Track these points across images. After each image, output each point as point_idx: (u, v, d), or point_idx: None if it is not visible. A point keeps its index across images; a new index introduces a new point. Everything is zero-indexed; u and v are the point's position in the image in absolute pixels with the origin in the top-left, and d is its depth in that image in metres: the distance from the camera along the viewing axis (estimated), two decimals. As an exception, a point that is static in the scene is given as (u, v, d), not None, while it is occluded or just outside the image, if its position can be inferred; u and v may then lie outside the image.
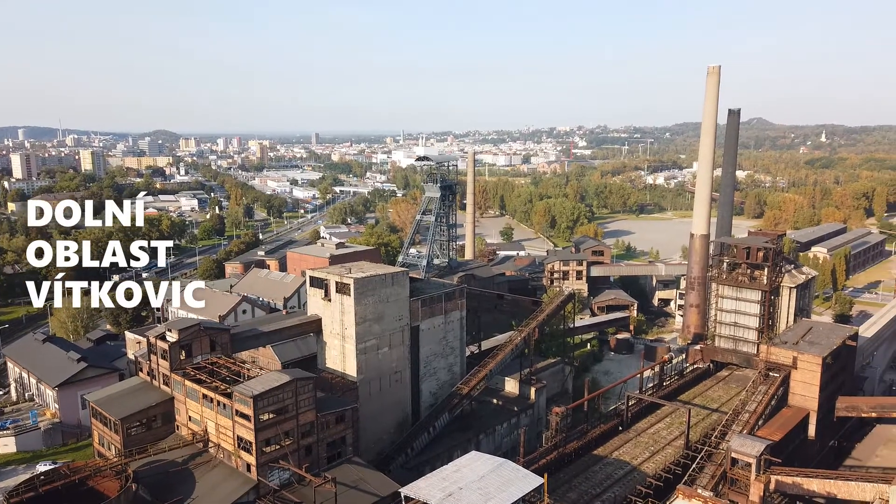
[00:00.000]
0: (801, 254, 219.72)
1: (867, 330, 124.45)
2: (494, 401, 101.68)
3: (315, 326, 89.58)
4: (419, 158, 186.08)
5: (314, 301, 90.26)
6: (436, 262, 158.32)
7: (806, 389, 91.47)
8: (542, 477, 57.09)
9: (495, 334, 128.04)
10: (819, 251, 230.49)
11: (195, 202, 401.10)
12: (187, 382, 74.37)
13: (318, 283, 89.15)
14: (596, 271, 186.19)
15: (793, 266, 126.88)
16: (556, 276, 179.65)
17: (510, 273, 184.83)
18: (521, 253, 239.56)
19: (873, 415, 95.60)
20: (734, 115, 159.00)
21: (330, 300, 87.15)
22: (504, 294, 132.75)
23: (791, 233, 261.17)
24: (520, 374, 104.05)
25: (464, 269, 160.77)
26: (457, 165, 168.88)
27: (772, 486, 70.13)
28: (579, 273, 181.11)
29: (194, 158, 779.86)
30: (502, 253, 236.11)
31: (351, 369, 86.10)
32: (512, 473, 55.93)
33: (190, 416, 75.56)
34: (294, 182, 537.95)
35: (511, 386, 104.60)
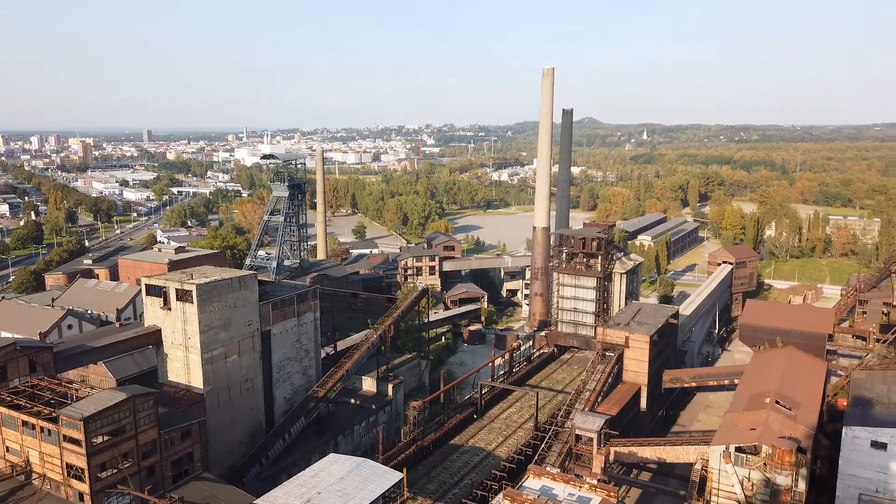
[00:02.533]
0: (629, 242, 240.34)
1: (686, 308, 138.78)
2: (352, 401, 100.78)
3: (154, 338, 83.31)
4: (265, 157, 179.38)
5: (152, 311, 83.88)
6: (286, 263, 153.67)
7: (637, 366, 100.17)
8: (402, 472, 57.47)
9: (351, 334, 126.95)
10: (644, 239, 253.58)
11: (5, 207, 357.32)
12: (3, 409, 66.02)
13: (155, 291, 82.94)
14: (448, 266, 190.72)
15: (622, 254, 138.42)
16: (409, 272, 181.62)
17: (364, 271, 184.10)
18: (375, 251, 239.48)
19: (694, 384, 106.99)
20: (568, 114, 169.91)
21: (170, 309, 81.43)
22: (358, 293, 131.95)
23: (620, 223, 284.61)
24: (377, 372, 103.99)
25: (316, 270, 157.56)
26: (305, 164, 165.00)
27: (611, 458, 76.10)
28: (432, 268, 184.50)
29: (2, 158, 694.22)
30: (356, 251, 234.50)
31: (197, 381, 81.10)
32: (371, 472, 55.73)
33: (8, 447, 67.17)
34: (125, 183, 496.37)
35: (368, 384, 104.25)
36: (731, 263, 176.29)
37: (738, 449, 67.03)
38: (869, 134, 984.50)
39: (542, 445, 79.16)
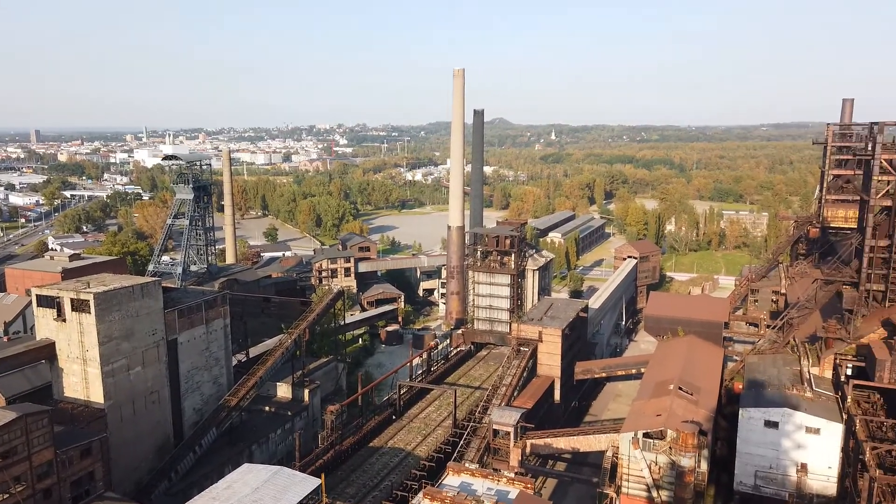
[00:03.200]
0: (540, 239, 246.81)
1: (595, 302, 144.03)
2: (267, 408, 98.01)
3: (47, 352, 77.79)
4: (167, 157, 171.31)
5: (45, 323, 78.29)
6: (193, 268, 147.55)
7: (551, 359, 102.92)
8: (320, 478, 56.44)
9: (264, 339, 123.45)
10: (555, 236, 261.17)
11: None
12: None
13: (48, 301, 77.46)
14: (363, 267, 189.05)
15: (535, 251, 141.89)
16: (324, 274, 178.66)
17: (277, 275, 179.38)
18: (288, 253, 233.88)
19: (604, 375, 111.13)
20: (479, 115, 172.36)
21: (65, 320, 76.26)
22: (271, 297, 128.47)
23: (532, 221, 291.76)
24: (292, 378, 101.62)
25: (226, 274, 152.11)
26: (211, 165, 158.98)
27: (528, 450, 77.83)
28: (347, 270, 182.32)
29: None
30: (267, 254, 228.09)
31: (97, 395, 76.37)
32: (287, 480, 54.37)
33: None
34: (10, 187, 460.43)
35: (284, 390, 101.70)
36: (635, 258, 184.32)
37: (645, 435, 70.17)
38: (756, 134, 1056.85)
39: (461, 442, 79.90)
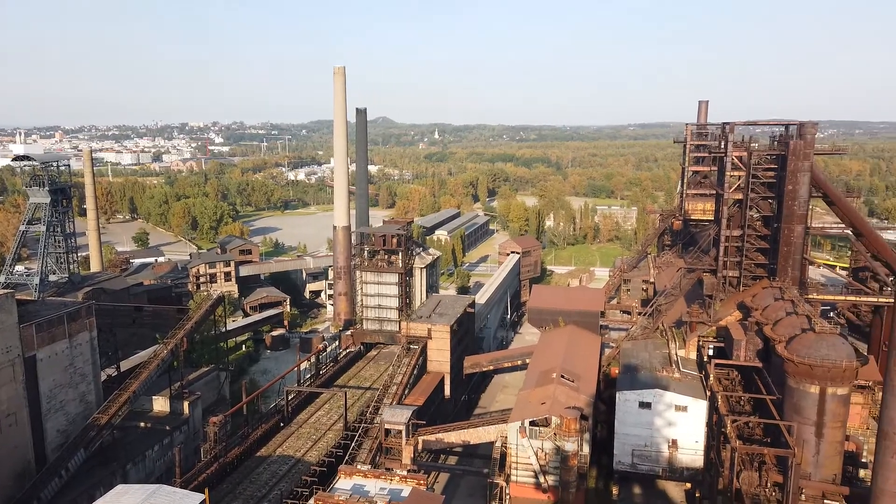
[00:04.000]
0: (427, 237, 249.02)
1: (482, 297, 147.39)
2: (142, 424, 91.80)
3: None
4: (18, 158, 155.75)
5: None
6: (52, 278, 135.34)
7: (440, 355, 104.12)
8: (203, 493, 53.65)
9: (137, 351, 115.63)
10: (441, 234, 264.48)
11: None
12: None
13: None
14: (245, 270, 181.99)
15: (422, 249, 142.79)
16: (202, 279, 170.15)
17: (149, 282, 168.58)
18: (161, 259, 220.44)
19: (492, 367, 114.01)
20: (362, 113, 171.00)
21: None
22: (143, 306, 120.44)
23: (418, 219, 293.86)
24: (170, 390, 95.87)
25: (90, 284, 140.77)
26: (69, 165, 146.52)
27: (419, 447, 78.30)
28: (228, 274, 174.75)
29: None
30: (138, 261, 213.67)
31: (-61, 424, 68.17)
32: (167, 498, 51.19)
33: None
34: None
35: (161, 404, 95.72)
36: (518, 253, 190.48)
37: (531, 423, 72.70)
38: (624, 133, 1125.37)
39: (353, 444, 78.96)
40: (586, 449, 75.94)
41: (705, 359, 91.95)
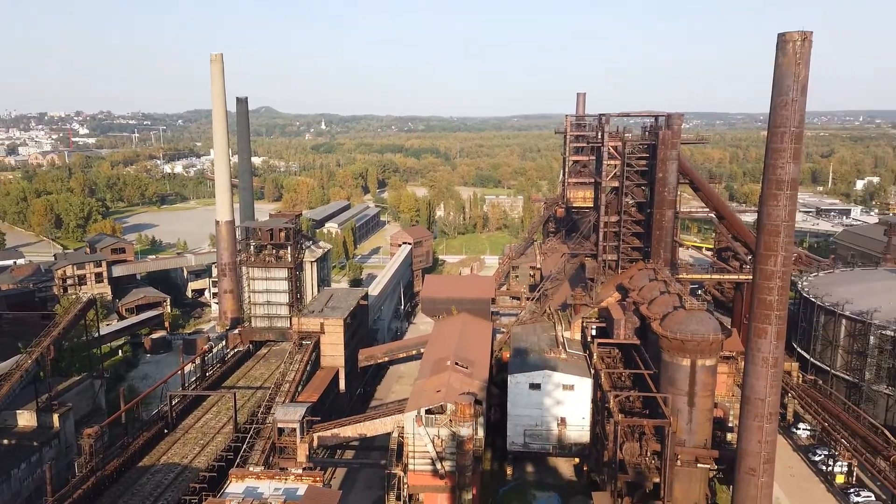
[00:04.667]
0: (317, 230, 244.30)
1: (375, 289, 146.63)
2: (6, 441, 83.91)
3: None
4: None
5: None
6: None
7: (334, 350, 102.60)
8: (79, 511, 49.84)
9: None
10: (332, 226, 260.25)
11: None
12: None
13: None
14: (119, 271, 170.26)
15: (311, 242, 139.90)
16: (70, 282, 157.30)
17: (8, 286, 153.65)
18: (21, 261, 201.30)
19: (386, 359, 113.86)
20: (242, 102, 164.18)
21: None
22: (1, 313, 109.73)
23: (307, 212, 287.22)
24: (37, 403, 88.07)
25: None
26: None
27: (315, 444, 76.94)
28: (99, 275, 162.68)
29: None
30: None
31: None
32: (37, 521, 47.10)
33: None
34: None
35: (26, 419, 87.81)
36: (410, 243, 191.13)
37: (427, 411, 73.36)
38: (509, 124, 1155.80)
39: (244, 446, 76.28)
40: (481, 432, 77.73)
41: (589, 339, 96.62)
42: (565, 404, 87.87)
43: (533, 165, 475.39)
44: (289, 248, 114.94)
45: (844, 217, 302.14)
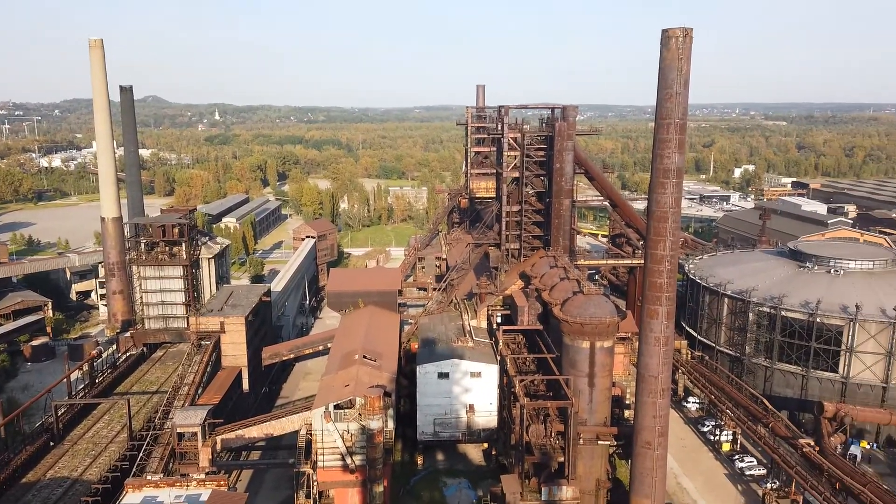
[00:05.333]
0: (213, 225, 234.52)
1: (278, 285, 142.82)
2: None
3: None
4: None
5: None
6: None
7: (236, 349, 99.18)
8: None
9: None
10: (229, 221, 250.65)
11: None
12: None
13: None
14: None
15: (208, 238, 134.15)
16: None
17: None
18: None
19: (292, 356, 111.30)
20: (127, 91, 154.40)
21: None
22: None
23: (202, 206, 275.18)
24: None
25: None
26: None
27: (218, 447, 74.13)
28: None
29: None
30: None
31: None
32: None
33: None
34: None
35: None
36: (313, 237, 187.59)
37: (336, 406, 72.48)
38: (412, 115, 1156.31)
39: (141, 454, 72.31)
40: (391, 424, 77.69)
41: (494, 326, 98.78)
42: (473, 391, 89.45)
43: (436, 157, 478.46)
44: (183, 244, 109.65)
45: (725, 203, 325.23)
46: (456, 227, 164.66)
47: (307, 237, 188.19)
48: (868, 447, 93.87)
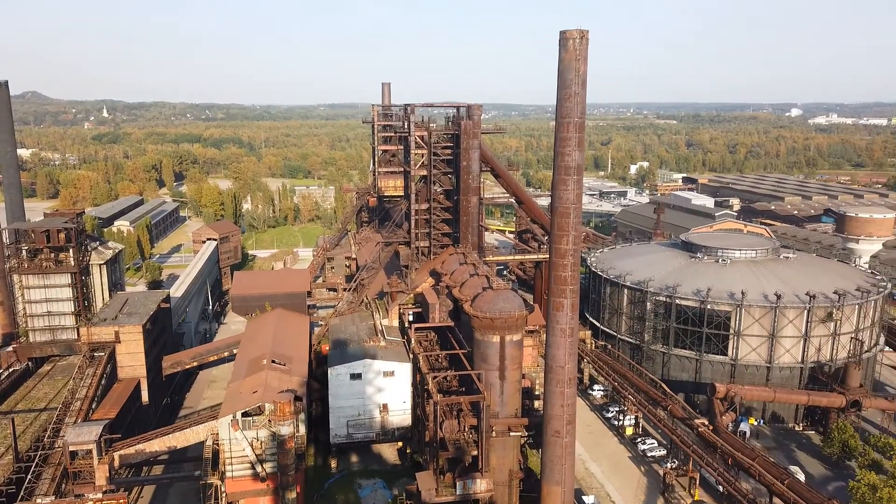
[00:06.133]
0: (104, 229, 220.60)
1: (178, 290, 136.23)
2: None
3: None
4: None
5: None
6: None
7: (133, 359, 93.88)
8: None
9: None
10: (122, 224, 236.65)
11: None
12: None
13: None
14: None
15: (98, 243, 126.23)
16: None
17: None
18: None
19: (195, 364, 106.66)
20: (2, 87, 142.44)
21: None
22: None
23: (91, 210, 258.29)
24: None
25: None
26: None
27: (116, 463, 69.95)
28: None
29: None
30: None
31: None
32: None
33: None
34: None
35: None
36: (215, 239, 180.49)
37: (244, 414, 70.13)
38: (316, 113, 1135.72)
39: (29, 477, 67.03)
40: (303, 429, 76.03)
41: (406, 324, 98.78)
42: (386, 391, 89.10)
43: (343, 155, 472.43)
44: (71, 250, 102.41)
45: (622, 198, 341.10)
46: (365, 226, 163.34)
47: (209, 239, 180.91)
48: (756, 423, 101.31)
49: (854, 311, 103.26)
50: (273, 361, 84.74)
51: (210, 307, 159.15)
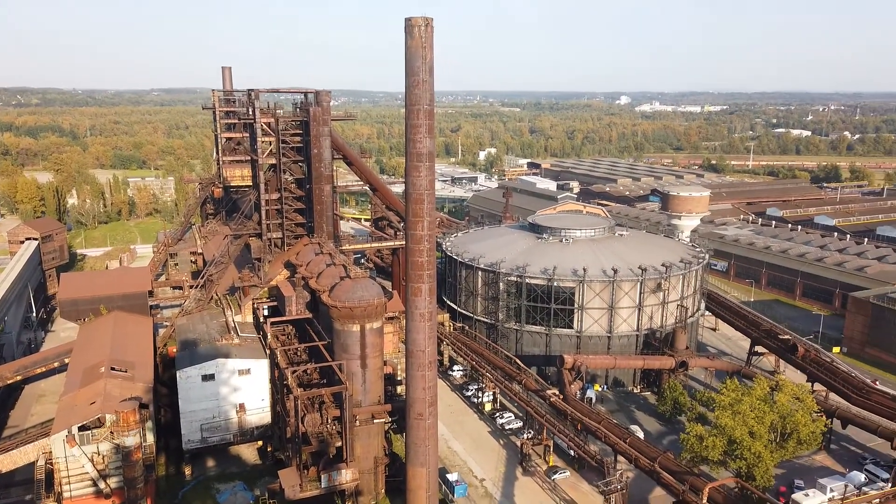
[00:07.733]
0: None
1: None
2: None
3: None
4: None
5: None
6: None
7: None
8: None
9: None
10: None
11: None
12: None
13: None
14: None
15: None
16: None
17: None
18: None
19: (19, 377, 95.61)
20: None
21: None
22: None
23: None
24: None
25: None
26: None
27: (-74, 500, 61.18)
28: None
29: None
30: None
31: None
32: None
33: None
34: None
35: None
36: (35, 239, 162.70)
37: (81, 428, 64.14)
38: (149, 99, 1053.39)
39: None
40: (150, 438, 71.04)
41: (262, 319, 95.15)
42: (243, 389, 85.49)
43: (182, 143, 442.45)
44: None
45: (473, 184, 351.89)
46: (211, 219, 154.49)
47: (28, 239, 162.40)
48: (600, 389, 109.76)
49: (679, 281, 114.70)
50: (113, 368, 78.10)
51: (34, 314, 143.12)
